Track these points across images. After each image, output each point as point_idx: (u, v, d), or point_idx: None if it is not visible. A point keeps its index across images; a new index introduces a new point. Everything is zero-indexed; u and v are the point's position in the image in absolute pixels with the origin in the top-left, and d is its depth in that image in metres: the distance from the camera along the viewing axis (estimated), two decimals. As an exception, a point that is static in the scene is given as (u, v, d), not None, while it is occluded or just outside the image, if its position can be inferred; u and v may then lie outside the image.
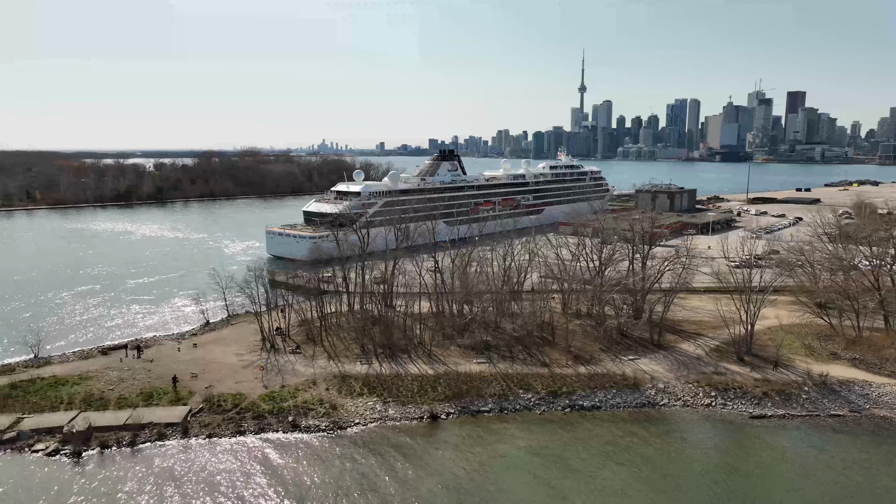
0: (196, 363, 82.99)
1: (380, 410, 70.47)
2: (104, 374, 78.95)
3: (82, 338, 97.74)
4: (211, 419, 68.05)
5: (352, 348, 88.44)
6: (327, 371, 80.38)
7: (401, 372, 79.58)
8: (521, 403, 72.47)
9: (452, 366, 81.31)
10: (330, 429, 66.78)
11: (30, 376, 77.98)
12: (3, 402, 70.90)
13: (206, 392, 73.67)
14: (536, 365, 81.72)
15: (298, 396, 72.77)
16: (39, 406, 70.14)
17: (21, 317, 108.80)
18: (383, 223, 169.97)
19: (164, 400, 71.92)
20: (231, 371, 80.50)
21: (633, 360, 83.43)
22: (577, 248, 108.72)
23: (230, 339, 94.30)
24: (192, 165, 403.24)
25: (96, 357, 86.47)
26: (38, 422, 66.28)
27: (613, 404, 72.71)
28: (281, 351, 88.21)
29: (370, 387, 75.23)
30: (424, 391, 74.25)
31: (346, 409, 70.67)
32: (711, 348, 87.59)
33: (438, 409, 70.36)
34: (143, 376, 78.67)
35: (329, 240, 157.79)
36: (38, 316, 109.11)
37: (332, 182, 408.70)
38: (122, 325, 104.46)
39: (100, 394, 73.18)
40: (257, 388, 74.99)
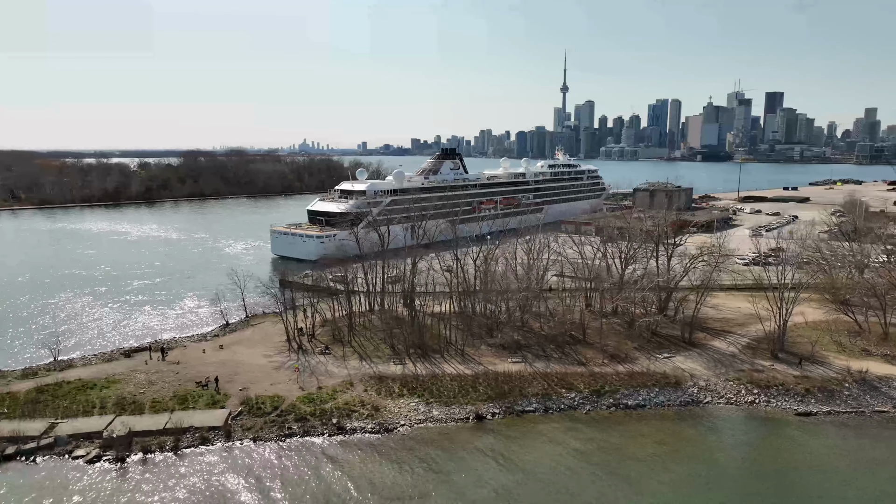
0: (224, 365, 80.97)
1: (423, 411, 69.07)
2: (132, 377, 76.66)
3: (99, 340, 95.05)
4: (252, 422, 66.19)
5: (381, 348, 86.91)
6: (361, 372, 78.82)
7: (437, 372, 78.26)
8: (566, 403, 71.50)
9: (488, 365, 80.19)
10: (376, 431, 65.25)
11: (55, 380, 75.43)
12: (32, 406, 68.38)
13: (242, 394, 71.79)
14: (573, 364, 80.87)
15: (338, 398, 71.12)
16: (71, 411, 67.74)
17: (34, 319, 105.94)
18: (391, 221, 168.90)
19: (200, 403, 69.87)
20: (263, 373, 78.59)
21: (669, 357, 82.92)
22: (598, 247, 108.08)
23: (254, 340, 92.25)
24: (177, 165, 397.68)
25: (119, 360, 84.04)
26: (74, 427, 63.94)
27: (658, 403, 72.03)
28: (309, 352, 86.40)
29: (409, 387, 73.82)
30: (465, 391, 72.98)
31: (389, 410, 69.18)
32: (743, 345, 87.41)
33: (483, 410, 69.13)
34: (172, 379, 76.53)
35: (338, 239, 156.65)
36: (50, 318, 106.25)
37: (322, 182, 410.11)
38: (138, 327, 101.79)
39: (132, 397, 70.95)
40: (294, 390, 73.23)
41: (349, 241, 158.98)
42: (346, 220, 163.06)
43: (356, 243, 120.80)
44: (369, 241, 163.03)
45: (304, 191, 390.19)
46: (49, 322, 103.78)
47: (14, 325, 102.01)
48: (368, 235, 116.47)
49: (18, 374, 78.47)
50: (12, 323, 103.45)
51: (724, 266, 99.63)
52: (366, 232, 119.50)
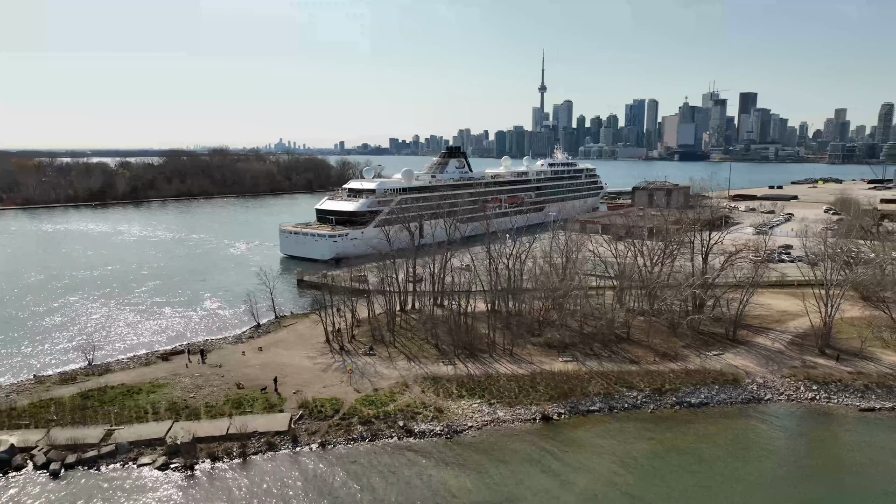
0: (268, 368, 78.62)
1: (488, 413, 67.62)
2: (177, 381, 74.06)
3: (128, 343, 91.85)
4: (316, 426, 64.14)
5: (425, 348, 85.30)
6: (412, 372, 77.13)
7: (490, 372, 76.89)
8: (629, 402, 70.62)
9: (539, 365, 79.08)
10: (445, 433, 63.63)
11: (97, 385, 72.53)
12: (81, 413, 65.51)
13: (298, 397, 69.68)
14: (624, 362, 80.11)
15: (398, 400, 69.37)
16: (124, 417, 65.00)
17: (55, 322, 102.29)
18: (402, 220, 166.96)
19: (256, 406, 67.60)
20: (311, 375, 76.49)
21: (719, 355, 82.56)
22: (629, 245, 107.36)
23: (290, 341, 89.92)
24: (161, 164, 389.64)
25: (158, 363, 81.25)
26: (133, 433, 61.31)
27: (720, 400, 71.52)
28: (352, 353, 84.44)
29: (467, 388, 72.31)
30: (526, 392, 71.67)
31: (453, 411, 67.60)
32: (787, 342, 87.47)
33: (549, 410, 67.91)
34: (218, 382, 74.08)
35: (349, 238, 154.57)
36: (71, 321, 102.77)
37: (311, 181, 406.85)
38: (164, 330, 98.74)
39: (183, 402, 68.42)
40: (349, 393, 71.30)
41: (368, 239, 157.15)
42: (357, 219, 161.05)
43: (367, 243, 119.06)
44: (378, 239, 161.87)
45: (293, 190, 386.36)
46: (71, 325, 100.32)
47: (36, 330, 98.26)
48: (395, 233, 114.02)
49: (57, 380, 75.40)
50: (33, 327, 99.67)
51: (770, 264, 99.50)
52: (399, 229, 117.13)
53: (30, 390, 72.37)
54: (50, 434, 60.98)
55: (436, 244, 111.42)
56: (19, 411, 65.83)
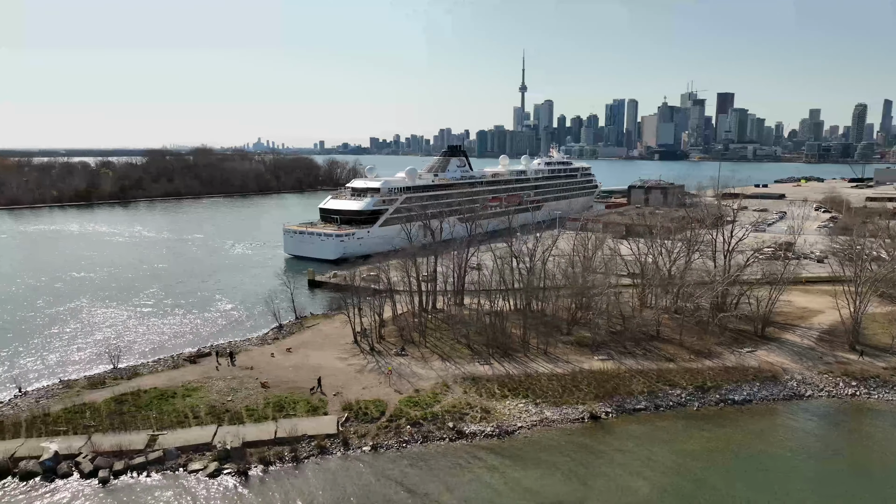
0: (301, 369, 77.09)
1: (535, 413, 66.79)
2: (211, 385, 72.16)
3: (149, 346, 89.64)
4: (365, 429, 62.81)
5: (457, 348, 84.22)
6: (449, 373, 76.06)
7: (528, 372, 76.09)
8: (673, 399, 70.28)
9: (576, 363, 78.50)
10: (497, 434, 62.66)
11: (129, 389, 70.36)
12: (118, 418, 63.50)
13: (339, 399, 68.31)
14: (661, 360, 79.80)
15: (442, 400, 68.29)
16: (164, 422, 63.12)
17: (67, 325, 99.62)
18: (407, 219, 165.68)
19: (299, 409, 66.06)
20: (348, 376, 75.05)
21: (751, 352, 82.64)
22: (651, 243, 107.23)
23: (317, 342, 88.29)
24: (146, 164, 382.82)
25: (186, 366, 79.19)
26: (179, 439, 59.48)
27: (762, 397, 71.50)
28: (383, 353, 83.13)
29: (509, 388, 71.45)
30: (569, 391, 70.99)
31: (500, 412, 66.67)
32: (815, 338, 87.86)
33: (597, 410, 67.30)
34: (254, 385, 72.25)
35: (356, 237, 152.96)
36: (83, 324, 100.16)
37: (300, 181, 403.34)
38: (182, 332, 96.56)
39: (222, 406, 66.64)
40: (391, 394, 70.05)
41: (375, 238, 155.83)
42: (363, 218, 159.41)
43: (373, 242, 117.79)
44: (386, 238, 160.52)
45: (282, 190, 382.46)
46: (87, 329, 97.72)
47: (52, 334, 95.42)
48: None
49: (85, 384, 73.07)
50: (50, 331, 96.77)
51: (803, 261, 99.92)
52: (420, 227, 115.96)
53: (59, 395, 70.08)
54: (92, 440, 58.98)
55: (443, 243, 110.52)
56: (54, 417, 63.62)
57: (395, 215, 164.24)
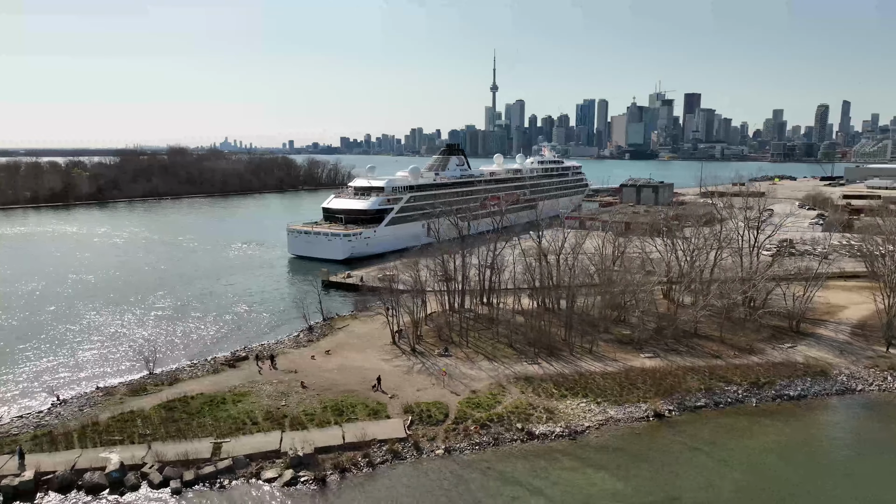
0: (347, 371, 75.17)
1: (599, 412, 65.93)
2: (259, 389, 69.81)
3: (178, 350, 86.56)
4: (433, 431, 61.22)
5: (499, 347, 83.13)
6: (499, 373, 74.87)
7: (579, 370, 75.26)
8: (731, 396, 70.11)
9: (624, 362, 77.98)
10: (566, 435, 61.57)
11: (175, 395, 67.56)
12: (174, 426, 60.87)
13: (398, 402, 66.64)
14: (706, 357, 79.73)
15: (502, 401, 67.07)
16: (222, 428, 60.69)
17: (83, 331, 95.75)
18: (412, 218, 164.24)
19: (358, 412, 64.14)
20: (398, 377, 73.28)
21: (791, 347, 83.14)
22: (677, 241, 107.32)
23: (354, 344, 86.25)
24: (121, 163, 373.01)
25: (225, 370, 76.53)
26: (244, 446, 57.16)
27: (815, 392, 71.75)
28: (426, 354, 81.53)
29: (566, 387, 70.52)
30: (626, 389, 70.32)
31: (563, 412, 65.68)
32: (848, 333, 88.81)
33: (660, 408, 66.76)
34: (300, 388, 70.11)
35: (363, 237, 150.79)
36: (105, 329, 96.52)
37: (281, 180, 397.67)
38: (209, 335, 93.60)
39: (278, 411, 64.42)
40: (447, 395, 68.58)
41: (381, 238, 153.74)
42: (368, 217, 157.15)
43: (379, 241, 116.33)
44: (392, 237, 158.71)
45: (263, 190, 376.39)
46: (107, 334, 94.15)
47: (72, 339, 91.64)
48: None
49: (126, 391, 70.06)
50: (68, 337, 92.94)
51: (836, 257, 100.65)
52: (449, 224, 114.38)
53: (102, 403, 67.01)
54: (153, 449, 56.33)
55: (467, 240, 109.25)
56: (103, 426, 60.70)
57: (401, 214, 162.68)
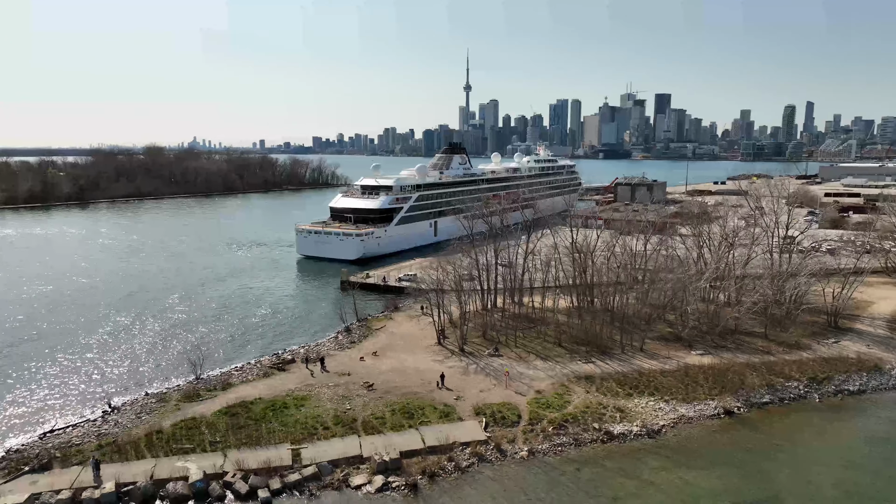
0: (403, 373, 73.48)
1: (669, 410, 65.26)
2: (318, 393, 67.78)
3: (216, 354, 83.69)
4: (511, 433, 59.82)
5: (547, 346, 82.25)
6: (557, 372, 73.89)
7: (637, 368, 74.57)
8: (793, 392, 70.09)
9: (677, 359, 77.64)
10: (646, 435, 60.77)
11: (233, 400, 65.22)
12: (243, 432, 58.59)
13: (465, 404, 65.21)
14: (756, 353, 79.80)
15: (571, 401, 66.09)
16: (294, 434, 58.63)
17: (112, 336, 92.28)
18: (420, 217, 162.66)
19: (430, 415, 62.58)
20: (455, 379, 71.73)
21: (835, 342, 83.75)
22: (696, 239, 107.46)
23: (399, 345, 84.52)
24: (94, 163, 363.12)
25: (276, 374, 74.24)
26: (324, 452, 55.19)
27: (874, 387, 72.09)
28: (476, 354, 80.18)
29: (630, 386, 69.75)
30: (690, 387, 69.80)
31: (635, 411, 64.86)
32: (886, 327, 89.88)
33: (729, 405, 66.45)
34: (361, 390, 68.33)
35: (374, 236, 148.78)
36: (130, 333, 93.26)
37: (266, 180, 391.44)
38: (240, 338, 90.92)
39: (345, 414, 62.48)
40: (512, 396, 67.33)
41: (392, 237, 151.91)
42: (379, 217, 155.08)
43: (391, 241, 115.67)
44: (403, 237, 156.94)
45: (248, 190, 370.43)
46: (132, 338, 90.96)
47: (97, 345, 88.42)
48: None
49: (180, 397, 67.36)
50: (90, 341, 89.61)
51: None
52: (482, 222, 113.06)
53: (157, 410, 64.35)
54: (230, 457, 54.10)
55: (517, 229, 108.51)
56: (168, 434, 58.20)
57: (409, 213, 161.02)
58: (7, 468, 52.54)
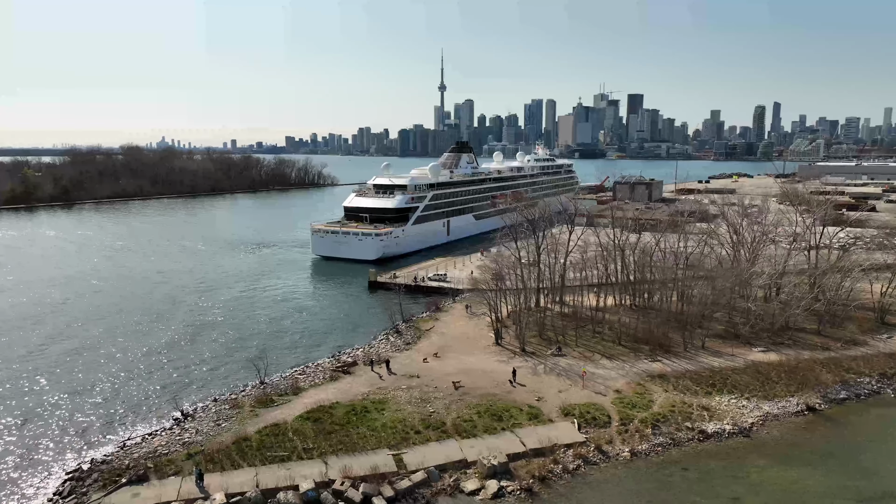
0: (472, 374, 71.77)
1: (753, 408, 64.96)
2: (395, 396, 65.90)
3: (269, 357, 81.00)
4: (605, 434, 58.82)
5: (607, 345, 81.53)
6: (628, 371, 73.08)
7: (708, 366, 74.16)
8: (867, 388, 70.42)
9: (742, 356, 77.50)
10: (739, 433, 60.29)
11: (310, 405, 62.99)
12: (331, 437, 56.64)
13: (545, 404, 64.02)
14: (816, 349, 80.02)
15: (655, 401, 65.35)
16: (388, 439, 56.85)
17: (161, 341, 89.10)
18: (434, 217, 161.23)
19: (519, 417, 61.26)
20: (530, 379, 70.44)
21: (889, 338, 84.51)
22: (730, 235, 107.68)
23: (455, 345, 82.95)
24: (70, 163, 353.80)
25: (343, 377, 72.12)
26: (426, 457, 53.54)
27: (944, 380, 73.00)
28: (538, 354, 79.02)
29: (706, 384, 69.26)
30: (766, 384, 69.62)
31: (720, 409, 64.42)
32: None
33: (811, 401, 66.37)
34: (438, 393, 66.64)
35: (393, 236, 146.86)
36: (170, 338, 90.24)
37: (253, 180, 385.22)
38: (290, 341, 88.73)
39: (431, 418, 60.87)
40: (593, 396, 66.27)
41: (409, 237, 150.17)
42: (395, 216, 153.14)
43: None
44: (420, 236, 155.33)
45: (234, 190, 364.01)
46: (175, 342, 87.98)
47: (139, 350, 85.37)
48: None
49: (253, 403, 64.91)
50: (130, 346, 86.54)
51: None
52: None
53: (234, 417, 61.90)
54: (331, 464, 52.18)
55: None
56: (256, 441, 55.94)
57: (425, 213, 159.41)
58: (101, 480, 49.90)
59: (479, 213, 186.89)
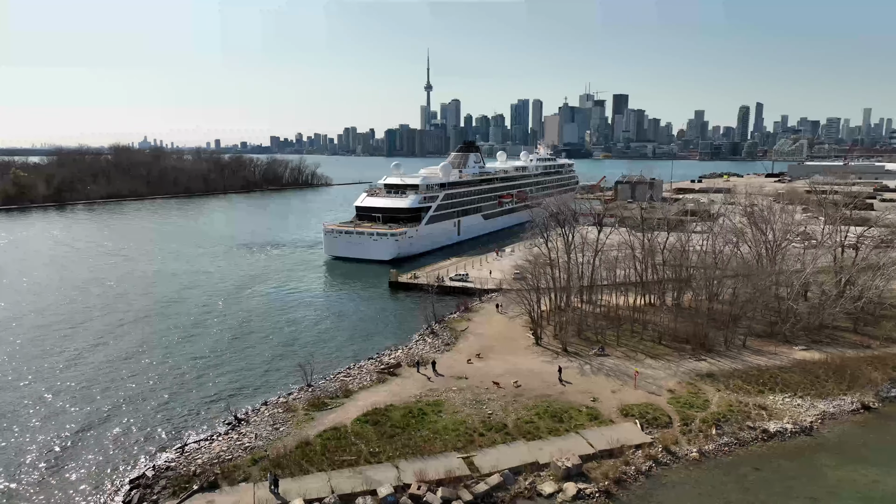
0: (519, 375, 71.03)
1: (809, 407, 64.83)
2: (449, 398, 65.01)
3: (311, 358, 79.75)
4: (669, 435, 58.20)
5: (647, 344, 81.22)
6: (675, 371, 72.72)
7: (754, 365, 74.03)
8: (917, 386, 70.73)
9: (784, 355, 77.50)
10: (802, 432, 60.06)
11: (366, 408, 61.84)
12: (394, 441, 55.62)
13: (601, 404, 63.42)
14: (857, 347, 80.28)
15: (711, 400, 64.99)
16: (451, 441, 55.89)
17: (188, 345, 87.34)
18: (446, 216, 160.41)
19: (580, 418, 60.55)
20: (578, 380, 69.93)
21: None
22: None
23: (495, 346, 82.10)
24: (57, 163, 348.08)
25: (391, 378, 71.05)
26: (497, 459, 52.65)
27: None
28: (581, 354, 78.44)
29: (758, 383, 68.97)
30: (816, 382, 69.53)
31: (776, 408, 64.16)
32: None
33: (865, 400, 66.37)
34: (490, 395, 65.82)
35: (407, 236, 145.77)
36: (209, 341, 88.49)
37: (247, 180, 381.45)
38: (327, 343, 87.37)
39: (491, 420, 59.97)
40: (648, 396, 65.76)
41: (423, 237, 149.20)
42: (408, 216, 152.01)
43: None
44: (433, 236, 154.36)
45: (228, 190, 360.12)
46: (213, 346, 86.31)
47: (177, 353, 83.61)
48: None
49: (306, 406, 63.68)
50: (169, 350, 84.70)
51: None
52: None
53: (289, 420, 60.62)
54: (402, 468, 51.15)
55: None
56: (319, 446, 54.73)
57: (437, 213, 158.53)
58: (169, 486, 48.43)
59: (488, 213, 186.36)
